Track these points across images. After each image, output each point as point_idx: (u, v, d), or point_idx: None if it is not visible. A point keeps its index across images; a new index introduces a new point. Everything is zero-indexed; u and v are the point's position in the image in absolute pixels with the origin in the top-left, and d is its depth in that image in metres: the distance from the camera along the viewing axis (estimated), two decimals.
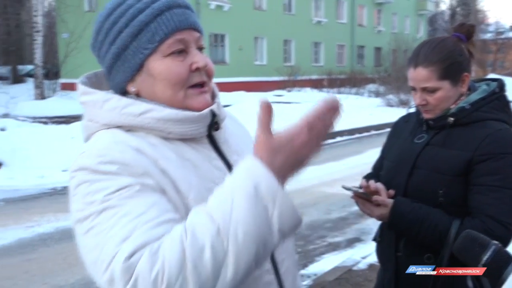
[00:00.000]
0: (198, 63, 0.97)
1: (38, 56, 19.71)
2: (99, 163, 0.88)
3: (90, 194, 0.86)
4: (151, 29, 0.94)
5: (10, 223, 5.68)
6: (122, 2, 0.98)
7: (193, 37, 0.98)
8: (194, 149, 0.99)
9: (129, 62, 0.96)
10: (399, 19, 41.29)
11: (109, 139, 0.92)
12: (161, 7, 0.95)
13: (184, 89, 0.97)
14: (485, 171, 1.53)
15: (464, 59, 1.63)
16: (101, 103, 0.96)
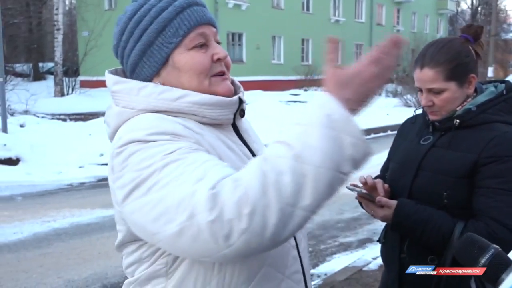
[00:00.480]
0: (219, 54, 1.06)
1: (58, 54, 20.03)
2: (151, 134, 0.92)
3: (147, 158, 0.89)
4: (175, 25, 1.03)
5: (27, 217, 5.80)
6: (143, 3, 1.06)
7: (211, 32, 1.07)
8: (223, 135, 1.08)
9: (155, 56, 1.04)
10: (419, 18, 40.79)
11: (155, 116, 0.98)
12: (182, 5, 1.04)
13: (208, 78, 1.05)
14: (490, 174, 1.52)
15: (471, 60, 1.62)
16: (137, 90, 1.03)
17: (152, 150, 0.89)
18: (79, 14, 22.86)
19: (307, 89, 26.25)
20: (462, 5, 53.92)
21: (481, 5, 49.92)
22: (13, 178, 7.67)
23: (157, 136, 0.92)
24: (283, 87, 25.35)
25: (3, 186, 7.30)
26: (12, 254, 4.66)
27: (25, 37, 26.11)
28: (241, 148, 1.10)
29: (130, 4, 1.09)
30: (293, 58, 28.36)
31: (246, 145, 1.13)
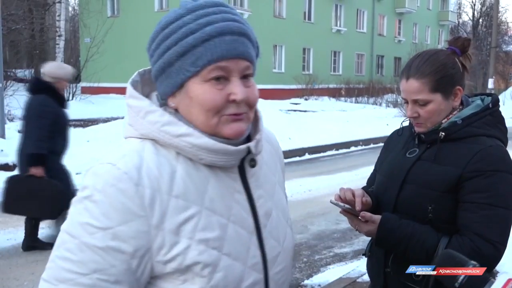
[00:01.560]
0: (236, 96, 0.96)
1: (59, 60, 20.08)
2: (111, 185, 0.93)
3: (84, 205, 0.94)
4: (196, 53, 0.95)
5: (21, 224, 5.70)
6: (178, 17, 0.98)
7: (238, 66, 0.97)
8: (220, 178, 1.01)
9: (172, 79, 0.98)
10: (420, 29, 40.96)
11: (133, 161, 0.95)
12: (211, 33, 0.95)
13: (218, 116, 0.97)
14: (475, 188, 1.51)
15: (457, 72, 1.61)
16: (144, 113, 1.00)
17: (82, 212, 0.94)
18: (81, 21, 22.96)
19: (308, 98, 26.31)
20: (463, 17, 54.21)
21: (482, 17, 50.13)
22: None
23: (99, 195, 0.93)
24: (283, 96, 25.41)
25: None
26: (4, 260, 4.64)
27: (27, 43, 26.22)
28: (236, 195, 1.03)
29: (170, 12, 1.02)
30: (294, 67, 28.46)
31: (247, 191, 1.05)
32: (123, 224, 0.91)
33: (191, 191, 0.97)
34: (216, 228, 0.97)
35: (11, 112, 14.24)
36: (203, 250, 0.95)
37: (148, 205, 0.92)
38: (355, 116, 18.37)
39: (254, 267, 1.02)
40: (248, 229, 1.03)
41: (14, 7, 19.45)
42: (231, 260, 0.98)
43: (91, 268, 0.91)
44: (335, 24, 32.10)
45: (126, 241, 0.91)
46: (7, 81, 16.41)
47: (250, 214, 1.04)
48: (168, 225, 0.93)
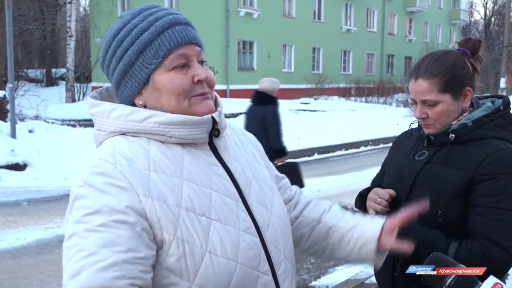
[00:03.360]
0: (200, 76, 1.04)
1: (70, 60, 20.26)
2: (91, 173, 0.96)
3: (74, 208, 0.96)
4: (155, 46, 1.02)
5: (31, 223, 5.82)
6: (127, 22, 1.05)
7: (194, 52, 1.06)
8: (193, 154, 1.06)
9: (136, 77, 1.04)
10: (431, 29, 40.63)
11: (106, 150, 1.00)
12: (163, 25, 1.03)
13: (188, 99, 1.04)
14: (485, 192, 1.47)
15: (467, 73, 1.58)
16: (108, 112, 1.05)
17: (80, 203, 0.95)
18: (92, 21, 23.11)
19: (317, 98, 26.22)
20: (475, 16, 53.75)
21: (495, 15, 49.62)
22: (20, 183, 7.72)
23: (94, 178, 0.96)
24: (293, 95, 25.34)
25: (9, 191, 7.35)
26: (14, 260, 4.67)
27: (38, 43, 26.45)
28: (214, 168, 1.07)
29: (116, 22, 1.09)
30: (304, 67, 28.38)
31: (223, 164, 1.10)
32: (113, 199, 0.93)
33: (168, 166, 1.01)
34: (200, 196, 1.01)
35: (23, 112, 14.37)
36: (193, 217, 0.98)
37: (130, 178, 0.96)
38: (364, 116, 18.28)
39: (247, 230, 1.05)
40: (233, 197, 1.06)
41: (25, 8, 19.62)
42: (222, 224, 1.01)
43: (99, 244, 0.90)
44: (345, 23, 31.95)
45: (123, 212, 0.93)
46: (18, 81, 16.56)
47: (231, 183, 1.08)
48: (155, 194, 0.96)
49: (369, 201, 1.69)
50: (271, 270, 1.07)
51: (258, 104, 5.52)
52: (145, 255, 0.92)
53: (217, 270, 0.97)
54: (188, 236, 0.96)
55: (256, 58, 25.87)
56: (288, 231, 1.18)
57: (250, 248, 1.03)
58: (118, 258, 0.89)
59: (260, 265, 1.05)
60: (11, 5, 9.81)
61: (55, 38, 27.37)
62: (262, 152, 1.31)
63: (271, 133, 5.35)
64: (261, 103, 5.49)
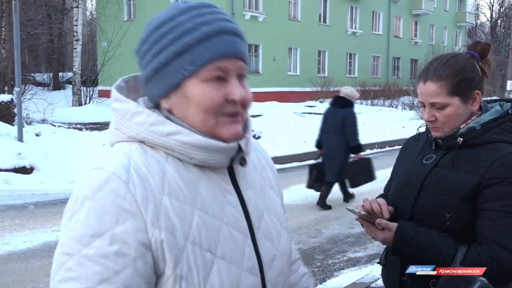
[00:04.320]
0: (235, 95, 0.95)
1: (76, 64, 20.37)
2: (100, 188, 0.89)
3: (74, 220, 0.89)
4: (195, 52, 0.93)
5: (37, 226, 5.84)
6: (173, 17, 0.96)
7: (235, 66, 0.96)
8: (210, 179, 0.98)
9: (167, 79, 0.95)
10: (437, 31, 40.53)
11: (120, 162, 0.92)
12: (209, 32, 0.93)
13: (216, 117, 0.95)
14: (494, 196, 1.46)
15: (476, 76, 1.57)
16: (131, 115, 0.97)
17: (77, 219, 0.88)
18: (98, 25, 23.24)
19: (323, 100, 26.19)
20: (481, 18, 53.49)
21: (501, 18, 49.42)
22: (27, 186, 7.75)
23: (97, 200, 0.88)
24: (299, 98, 25.34)
25: (16, 194, 7.38)
26: (20, 263, 4.69)
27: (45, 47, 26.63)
28: (228, 197, 1.00)
29: (162, 12, 0.99)
30: (309, 70, 28.38)
31: (238, 192, 1.02)
32: (118, 225, 0.86)
33: (183, 191, 0.94)
34: (209, 229, 0.94)
35: (30, 116, 14.45)
36: (198, 253, 0.91)
37: (141, 202, 0.88)
38: (370, 119, 18.21)
39: (251, 270, 0.99)
40: (242, 231, 0.99)
41: (32, 12, 19.76)
42: (226, 263, 0.95)
43: (96, 280, 0.84)
44: (350, 26, 31.93)
45: (125, 242, 0.86)
46: (25, 85, 16.65)
47: (243, 215, 1.01)
48: (163, 223, 0.89)
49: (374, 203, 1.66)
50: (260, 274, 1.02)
51: (339, 107, 6.51)
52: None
53: None
54: (187, 273, 0.90)
55: (262, 61, 25.91)
56: (288, 270, 1.12)
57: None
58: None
59: None
60: (18, 9, 9.89)
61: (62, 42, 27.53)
62: (276, 175, 1.23)
63: (349, 132, 6.33)
64: (341, 106, 6.48)
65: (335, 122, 6.44)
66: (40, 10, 20.89)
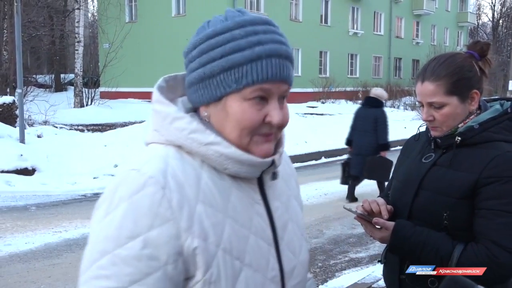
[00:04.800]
0: (273, 119, 0.96)
1: (78, 66, 20.41)
2: (137, 192, 0.90)
3: (110, 218, 0.91)
4: (242, 71, 0.94)
5: (39, 228, 5.85)
6: (227, 30, 0.96)
7: (279, 90, 0.97)
8: (241, 189, 1.01)
9: (210, 90, 0.97)
10: (439, 31, 40.49)
11: (158, 166, 0.93)
12: (260, 53, 0.94)
13: (250, 136, 0.97)
14: (491, 195, 1.46)
15: (474, 75, 1.57)
16: (172, 119, 0.98)
17: (113, 218, 0.90)
18: (100, 27, 23.28)
19: (325, 101, 26.20)
20: (483, 18, 53.43)
21: (503, 18, 49.34)
22: (29, 188, 7.77)
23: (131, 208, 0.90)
24: (300, 99, 25.33)
25: (18, 196, 7.41)
26: (22, 264, 4.70)
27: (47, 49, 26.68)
28: (256, 207, 1.03)
29: (218, 19, 0.99)
30: (311, 70, 28.38)
31: (265, 202, 1.05)
32: (153, 229, 0.88)
33: (216, 199, 0.96)
34: (239, 238, 0.96)
35: (32, 117, 14.49)
36: (228, 260, 0.94)
37: (176, 208, 0.90)
38: None
39: (273, 279, 1.02)
40: (268, 241, 1.02)
41: (34, 14, 19.81)
42: (252, 271, 0.97)
43: (127, 281, 0.87)
44: (352, 26, 31.93)
45: (158, 247, 0.88)
46: (27, 86, 16.69)
47: (269, 225, 1.04)
48: (196, 230, 0.91)
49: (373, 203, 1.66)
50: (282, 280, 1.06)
51: (370, 107, 6.92)
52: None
53: None
54: (216, 279, 0.92)
55: None
56: (306, 279, 1.15)
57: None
58: None
59: None
60: (20, 11, 9.92)
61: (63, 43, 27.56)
62: (298, 185, 1.25)
63: (380, 130, 6.76)
64: (373, 106, 6.90)
65: (367, 121, 6.82)
66: (41, 12, 20.94)
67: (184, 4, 25.30)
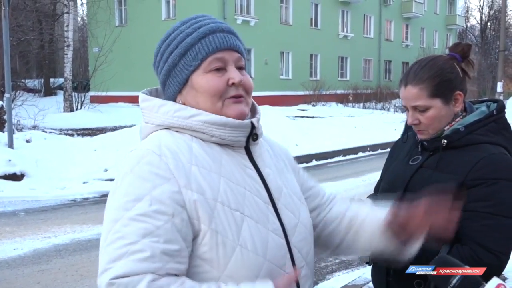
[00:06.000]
0: (234, 79, 1.12)
1: (67, 70, 20.27)
2: (138, 162, 1.04)
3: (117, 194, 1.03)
4: (195, 50, 1.12)
5: (28, 233, 5.80)
6: (176, 29, 1.16)
7: (232, 57, 1.14)
8: (231, 155, 1.13)
9: (178, 77, 1.14)
10: (428, 34, 40.81)
11: (153, 143, 1.08)
12: (205, 31, 1.13)
13: (221, 100, 1.12)
14: (476, 197, 1.47)
15: (456, 77, 1.58)
16: (157, 107, 1.14)
17: (125, 189, 1.02)
18: (89, 31, 23.16)
19: (315, 104, 26.27)
20: (471, 21, 53.95)
21: (490, 20, 49.87)
22: (17, 193, 7.69)
23: (141, 167, 1.03)
24: (291, 102, 25.40)
25: (7, 201, 7.33)
26: (10, 270, 4.65)
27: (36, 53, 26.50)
28: (247, 170, 1.14)
29: (169, 28, 1.20)
30: (302, 74, 28.45)
31: (257, 169, 1.16)
32: (156, 188, 1.00)
33: (208, 162, 1.08)
34: (235, 194, 1.07)
35: (20, 122, 14.37)
36: (227, 211, 1.04)
37: (174, 169, 1.03)
38: (362, 122, 18.30)
39: (276, 232, 1.10)
40: (264, 199, 1.12)
41: (23, 18, 19.67)
42: (254, 222, 1.07)
43: (140, 234, 0.96)
44: (342, 30, 32.08)
45: (163, 202, 0.99)
46: (16, 91, 16.56)
47: (263, 187, 1.14)
48: (194, 186, 1.03)
49: None
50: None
51: None
52: (181, 247, 0.99)
53: (247, 263, 1.03)
54: (221, 228, 1.02)
55: (254, 65, 25.94)
56: (311, 240, 1.23)
57: (277, 248, 1.09)
58: (157, 249, 0.96)
59: (286, 265, 1.11)
60: (7, 15, 9.84)
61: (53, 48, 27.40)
62: (293, 162, 1.36)
63: None
64: None
65: None
66: (30, 16, 20.81)
67: (173, 8, 25.28)
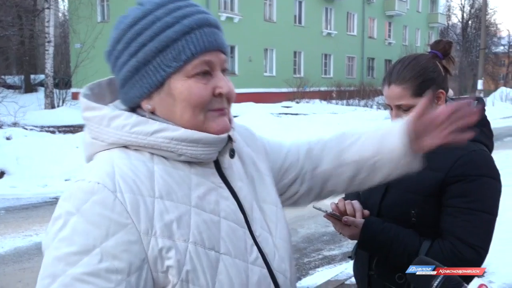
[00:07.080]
0: (222, 89, 0.92)
1: (48, 66, 19.97)
2: (85, 201, 0.83)
3: (59, 239, 0.82)
4: (178, 47, 0.89)
5: (8, 231, 5.71)
6: (148, 13, 0.90)
7: (219, 60, 0.93)
8: (200, 175, 0.94)
9: (149, 78, 0.90)
10: (410, 32, 41.22)
11: (104, 171, 0.86)
12: (191, 25, 0.89)
13: (204, 112, 0.92)
14: (457, 193, 1.50)
15: (438, 75, 1.61)
16: (108, 120, 0.91)
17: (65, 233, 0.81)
18: (71, 27, 22.85)
19: (299, 101, 26.36)
20: (453, 19, 54.61)
21: (472, 18, 50.56)
22: None
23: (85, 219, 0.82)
24: (275, 99, 25.44)
25: None
26: None
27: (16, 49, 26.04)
28: (220, 191, 0.96)
29: (133, 8, 0.93)
30: (285, 71, 28.51)
31: (227, 184, 0.98)
32: (108, 239, 0.80)
33: (175, 190, 0.89)
34: (209, 227, 0.89)
35: (0, 119, 14.13)
36: (201, 253, 0.87)
37: (131, 210, 0.82)
38: (346, 119, 18.41)
39: (256, 262, 0.95)
40: (240, 223, 0.96)
41: (2, 14, 19.32)
42: (232, 259, 0.91)
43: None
44: (325, 27, 32.21)
45: (117, 257, 0.80)
46: None
47: (237, 207, 0.97)
48: (158, 230, 0.83)
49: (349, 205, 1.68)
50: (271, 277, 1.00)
51: None
52: None
53: None
54: (193, 276, 0.85)
55: (238, 62, 25.91)
56: (290, 249, 1.09)
57: (260, 281, 0.94)
58: None
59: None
60: None
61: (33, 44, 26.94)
62: (260, 145, 1.18)
63: None
64: None
65: None
66: (10, 12, 20.43)
67: None
